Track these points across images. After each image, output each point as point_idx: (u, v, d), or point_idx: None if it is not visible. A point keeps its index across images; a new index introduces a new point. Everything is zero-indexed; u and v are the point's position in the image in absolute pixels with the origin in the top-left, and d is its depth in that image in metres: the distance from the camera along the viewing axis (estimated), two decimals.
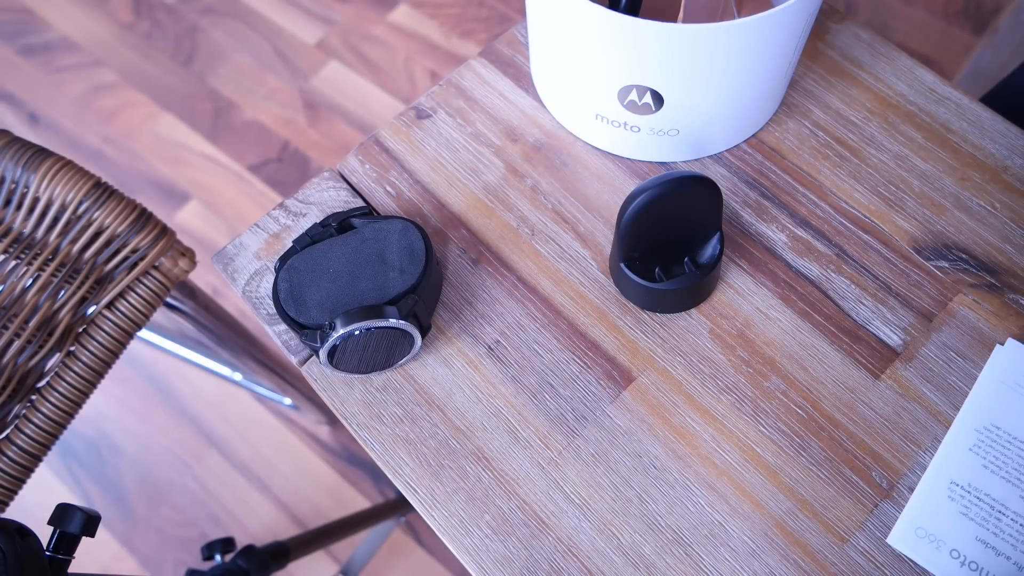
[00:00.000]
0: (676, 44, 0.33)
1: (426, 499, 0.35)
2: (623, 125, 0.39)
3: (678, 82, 0.36)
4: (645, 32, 0.33)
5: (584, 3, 0.32)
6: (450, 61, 1.32)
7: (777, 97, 0.41)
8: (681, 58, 0.34)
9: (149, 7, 1.43)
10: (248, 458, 1.08)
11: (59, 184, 0.53)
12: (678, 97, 0.37)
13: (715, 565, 0.34)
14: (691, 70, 0.35)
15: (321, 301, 0.36)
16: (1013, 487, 0.34)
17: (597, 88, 0.38)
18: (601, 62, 0.36)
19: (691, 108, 0.37)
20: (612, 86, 0.37)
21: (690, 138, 0.40)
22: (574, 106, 0.41)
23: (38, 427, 0.52)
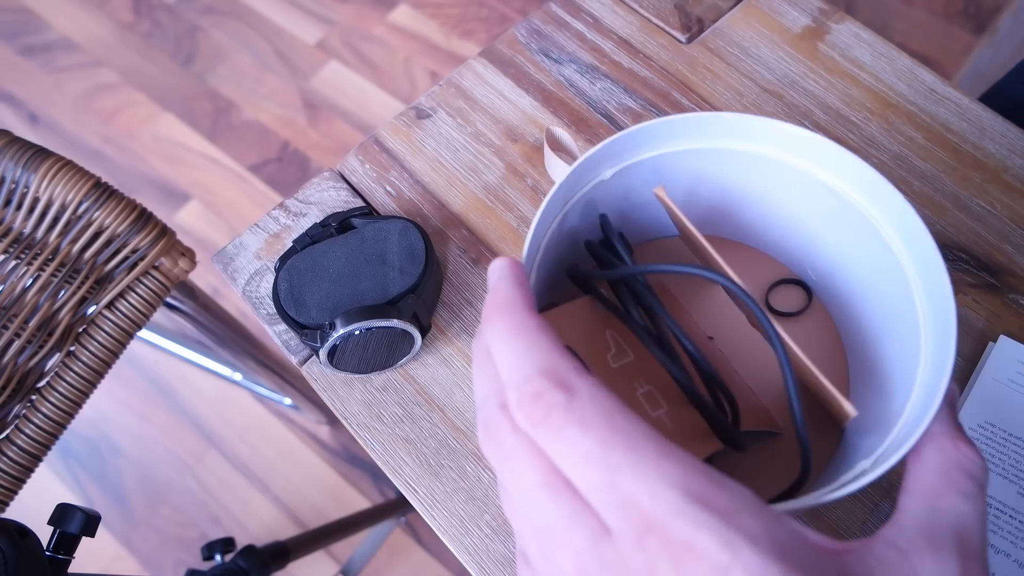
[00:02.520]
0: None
1: (426, 499, 0.35)
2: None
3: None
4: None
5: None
6: (450, 61, 1.32)
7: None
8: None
9: (149, 7, 1.43)
10: (248, 458, 1.08)
11: (59, 184, 0.53)
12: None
13: None
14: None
15: (321, 301, 0.36)
16: (1011, 484, 0.34)
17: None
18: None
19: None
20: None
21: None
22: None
23: (38, 427, 0.52)
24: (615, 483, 0.17)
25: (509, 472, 0.20)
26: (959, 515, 0.20)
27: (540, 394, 0.19)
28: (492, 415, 0.20)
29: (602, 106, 0.44)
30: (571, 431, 0.18)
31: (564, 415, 0.18)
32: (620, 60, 0.45)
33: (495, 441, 0.20)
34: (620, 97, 0.44)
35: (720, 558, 0.16)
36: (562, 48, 0.46)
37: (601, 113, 0.44)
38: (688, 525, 0.17)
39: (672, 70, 0.45)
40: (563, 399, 0.19)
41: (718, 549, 0.16)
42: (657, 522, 0.17)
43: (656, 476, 0.17)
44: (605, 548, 0.18)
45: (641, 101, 0.44)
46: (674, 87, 0.44)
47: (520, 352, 0.20)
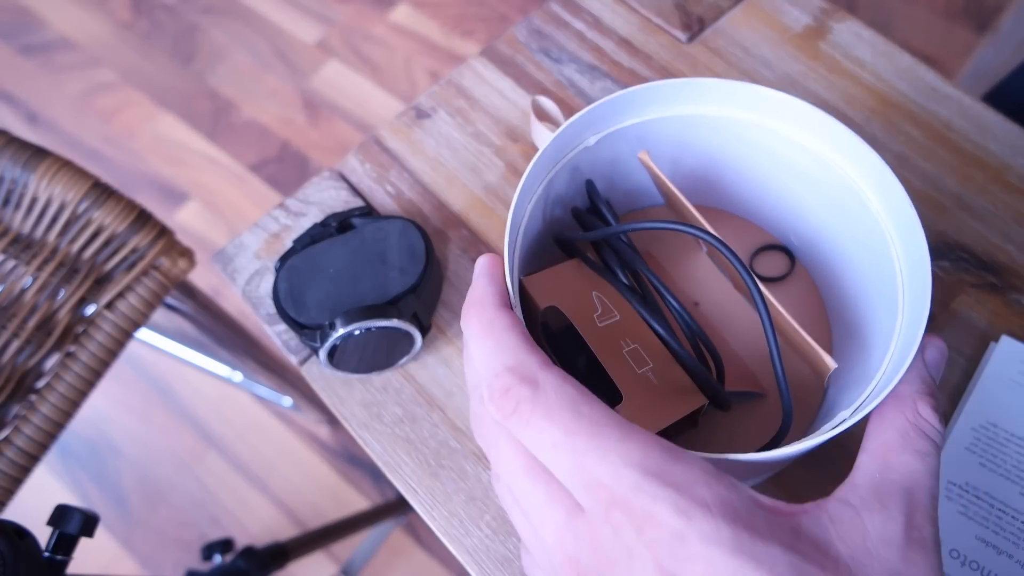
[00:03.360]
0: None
1: (426, 499, 0.35)
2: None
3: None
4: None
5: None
6: (450, 61, 1.32)
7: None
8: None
9: (148, 6, 1.42)
10: (248, 458, 1.08)
11: (58, 184, 0.53)
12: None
13: None
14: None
15: (321, 301, 0.36)
16: (1012, 484, 0.33)
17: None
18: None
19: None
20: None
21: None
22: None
23: (37, 427, 0.52)
24: (581, 466, 0.19)
25: (496, 459, 0.22)
26: (911, 472, 0.21)
27: (507, 389, 0.21)
28: (479, 407, 0.23)
29: None
30: (538, 422, 0.20)
31: (531, 408, 0.20)
32: (620, 60, 0.45)
33: (483, 430, 0.22)
34: None
35: (676, 525, 0.18)
36: (562, 48, 0.46)
37: None
38: (646, 499, 0.18)
39: (672, 70, 0.45)
40: (528, 393, 0.21)
41: (674, 517, 0.18)
42: (620, 498, 0.19)
43: (617, 457, 0.19)
44: (579, 523, 0.20)
45: None
46: None
47: (490, 350, 0.22)
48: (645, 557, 0.18)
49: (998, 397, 0.35)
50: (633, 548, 0.18)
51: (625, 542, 0.19)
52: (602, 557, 0.19)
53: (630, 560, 0.18)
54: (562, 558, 0.20)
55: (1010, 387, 0.35)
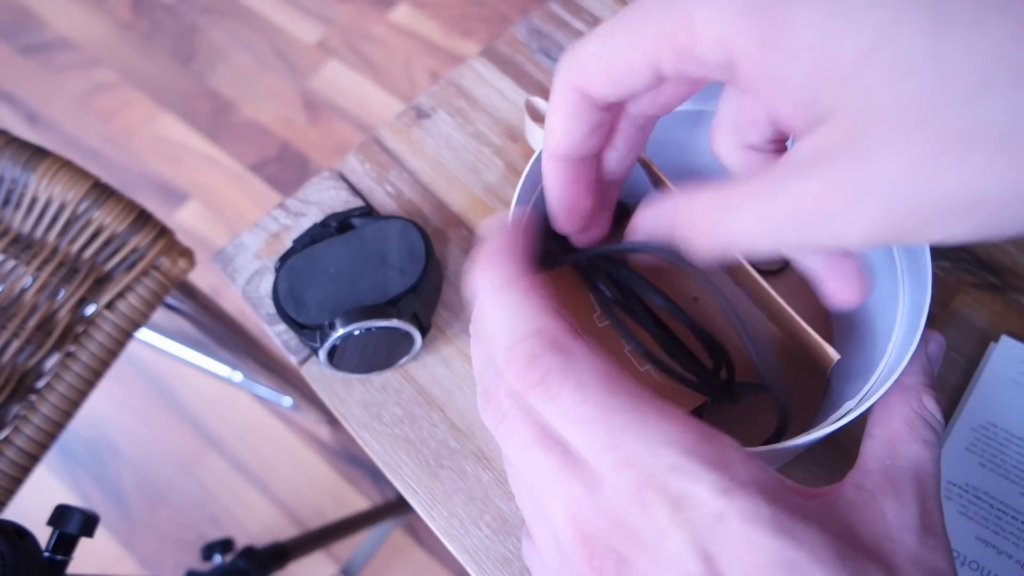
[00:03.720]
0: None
1: (426, 499, 0.35)
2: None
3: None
4: None
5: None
6: (450, 61, 1.32)
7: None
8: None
9: (148, 6, 1.42)
10: (248, 458, 1.08)
11: (58, 184, 0.53)
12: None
13: None
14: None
15: (321, 301, 0.36)
16: (1012, 484, 0.33)
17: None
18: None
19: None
20: None
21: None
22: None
23: (37, 427, 0.52)
24: (616, 443, 0.18)
25: (506, 433, 0.20)
26: (920, 459, 0.22)
27: (534, 356, 0.19)
28: (491, 379, 0.20)
29: None
30: (569, 396, 0.18)
31: (560, 379, 0.18)
32: None
33: (493, 404, 0.20)
34: None
35: (716, 505, 0.17)
36: (562, 48, 0.46)
37: None
38: (685, 479, 0.17)
39: None
40: (559, 362, 0.19)
41: (714, 497, 0.17)
42: (656, 477, 0.18)
43: (656, 435, 0.18)
44: (599, 499, 0.18)
45: None
46: None
47: (509, 312, 0.20)
48: (680, 537, 0.17)
49: (998, 397, 0.35)
50: (666, 528, 0.17)
51: (657, 522, 0.17)
52: (625, 536, 0.18)
53: (661, 540, 0.17)
54: (574, 536, 0.18)
55: (1010, 387, 0.35)
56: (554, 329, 0.19)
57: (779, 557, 0.17)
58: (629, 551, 0.18)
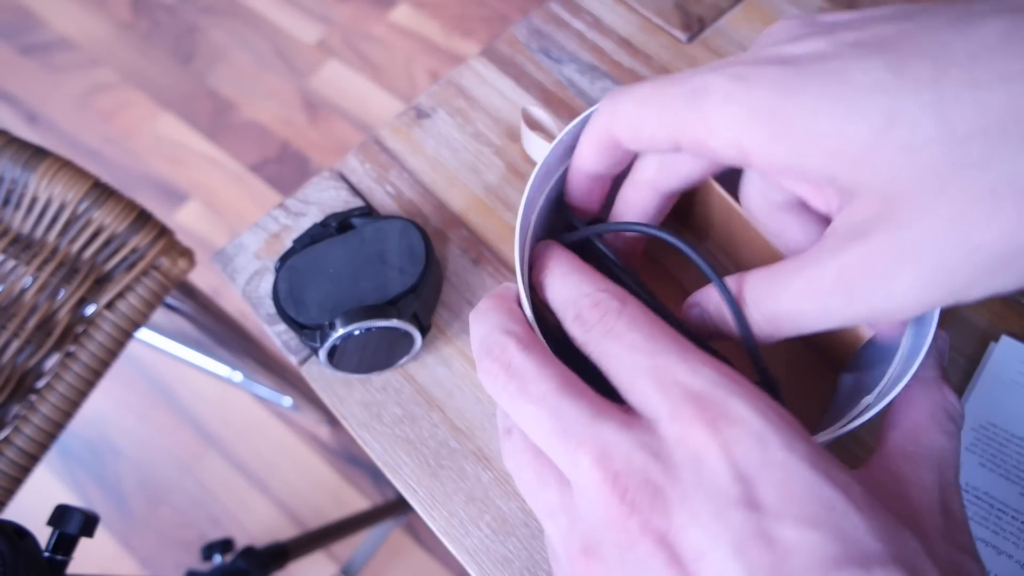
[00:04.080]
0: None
1: (426, 499, 0.35)
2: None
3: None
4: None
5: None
6: (450, 61, 1.32)
7: None
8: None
9: (148, 6, 1.42)
10: (248, 458, 1.08)
11: (58, 184, 0.53)
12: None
13: None
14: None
15: (321, 301, 0.36)
16: (1012, 484, 0.33)
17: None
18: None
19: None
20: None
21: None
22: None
23: (37, 427, 0.52)
24: (657, 365, 0.19)
25: (517, 389, 0.20)
26: (942, 449, 0.22)
27: (599, 303, 0.21)
28: (498, 339, 0.22)
29: None
30: (621, 327, 0.20)
31: (616, 317, 0.20)
32: (620, 60, 0.45)
33: (500, 364, 0.21)
34: None
35: (757, 425, 0.17)
36: (562, 47, 0.46)
37: None
38: (726, 394, 0.18)
39: (673, 70, 0.45)
40: (617, 305, 0.21)
41: (754, 416, 0.17)
42: (694, 392, 0.18)
43: (696, 359, 0.19)
44: (636, 431, 0.18)
45: None
46: None
47: (580, 280, 0.22)
48: (717, 457, 0.17)
49: (998, 397, 0.35)
50: (703, 449, 0.17)
51: (693, 442, 0.17)
52: (660, 467, 0.17)
53: (698, 464, 0.17)
54: (603, 477, 0.18)
55: (1010, 387, 0.35)
56: (616, 290, 0.22)
57: (818, 492, 0.16)
58: (664, 480, 0.17)
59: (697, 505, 0.17)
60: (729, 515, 0.16)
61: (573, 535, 0.19)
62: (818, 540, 0.16)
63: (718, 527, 0.16)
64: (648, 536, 0.17)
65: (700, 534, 0.16)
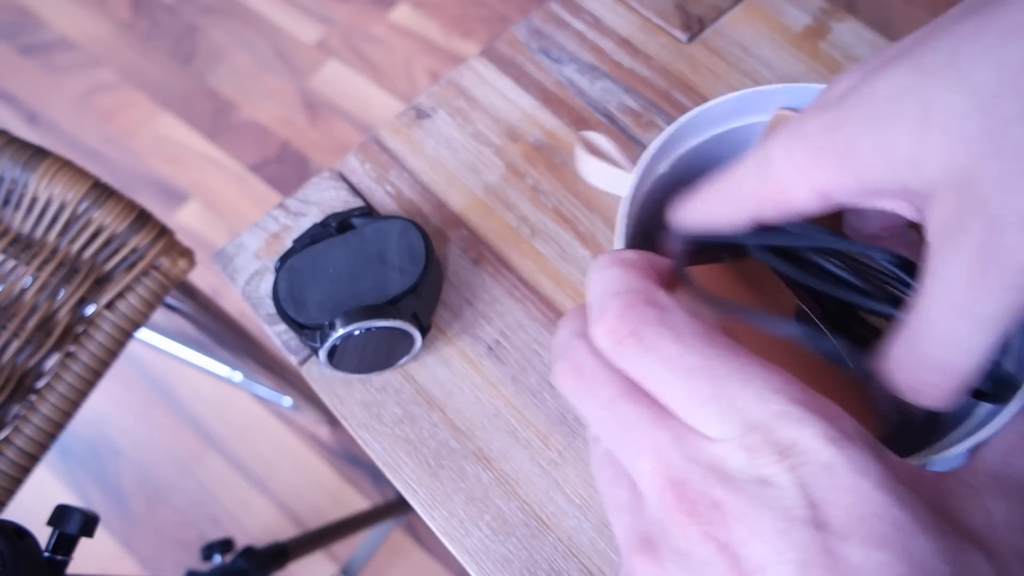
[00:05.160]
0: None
1: (426, 499, 0.35)
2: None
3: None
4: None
5: None
6: (450, 61, 1.32)
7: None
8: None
9: (148, 6, 1.42)
10: (248, 458, 1.08)
11: (58, 184, 0.53)
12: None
13: None
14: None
15: (321, 301, 0.36)
16: None
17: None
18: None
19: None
20: None
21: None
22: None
23: (37, 427, 0.52)
24: (719, 391, 0.18)
25: (587, 392, 0.20)
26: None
27: (628, 306, 0.19)
28: (571, 342, 0.21)
29: (602, 106, 0.44)
30: (667, 346, 0.18)
31: (656, 330, 0.19)
32: (620, 60, 0.45)
33: (573, 365, 0.20)
34: (620, 97, 0.44)
35: (825, 454, 0.17)
36: (562, 48, 0.46)
37: (601, 113, 0.44)
38: (793, 424, 0.17)
39: (673, 70, 0.45)
40: (655, 313, 0.19)
41: (823, 446, 0.17)
42: (762, 423, 0.17)
43: (761, 383, 0.18)
44: (695, 444, 0.18)
45: (641, 101, 0.44)
46: (675, 87, 0.44)
47: (612, 276, 0.20)
48: (785, 484, 0.17)
49: None
50: (770, 474, 0.17)
51: (760, 468, 0.17)
52: (720, 480, 0.17)
53: (763, 487, 0.17)
54: (663, 484, 0.18)
55: None
56: (651, 290, 0.20)
57: (886, 513, 0.16)
58: (725, 496, 0.17)
59: (760, 521, 0.17)
60: (793, 533, 0.16)
61: (633, 532, 0.19)
62: (885, 560, 0.16)
63: (782, 544, 0.16)
64: (709, 543, 0.17)
65: (763, 548, 0.16)
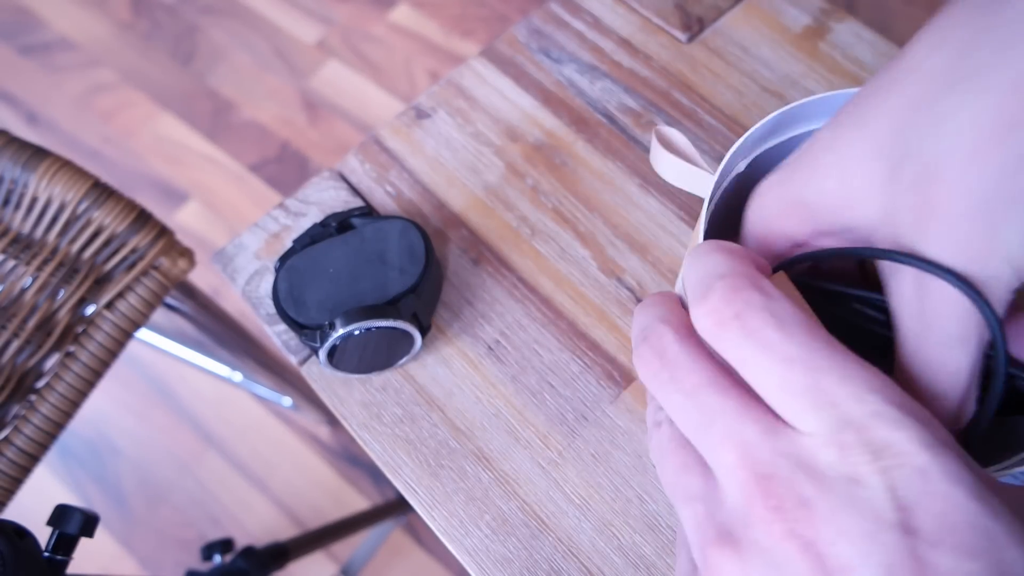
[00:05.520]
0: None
1: (426, 499, 0.35)
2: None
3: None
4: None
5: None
6: (450, 61, 1.32)
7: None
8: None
9: (148, 6, 1.42)
10: (248, 458, 1.08)
11: (58, 184, 0.53)
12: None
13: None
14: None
15: (321, 301, 0.36)
16: None
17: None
18: None
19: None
20: None
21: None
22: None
23: (37, 427, 0.52)
24: (817, 384, 0.17)
25: (669, 379, 0.19)
26: None
27: (735, 288, 0.19)
28: (656, 327, 0.20)
29: (602, 106, 0.44)
30: (770, 332, 0.18)
31: (762, 315, 0.18)
32: (620, 60, 0.45)
33: (656, 351, 0.20)
34: (620, 97, 0.44)
35: (920, 458, 0.16)
36: (562, 48, 0.46)
37: (601, 113, 0.44)
38: (889, 426, 0.17)
39: (672, 70, 0.45)
40: (760, 299, 0.18)
41: (918, 449, 0.16)
42: (857, 421, 0.17)
43: (861, 381, 0.17)
44: (780, 439, 0.17)
45: (641, 101, 0.44)
46: (674, 87, 0.44)
47: (718, 261, 0.20)
48: (876, 485, 0.16)
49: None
50: (862, 474, 0.17)
51: (852, 467, 0.17)
52: (809, 478, 0.17)
53: (853, 487, 0.17)
54: (747, 477, 0.17)
55: None
56: (757, 276, 0.19)
57: (978, 522, 0.16)
58: (813, 493, 0.17)
59: (848, 523, 0.16)
60: (882, 536, 0.16)
61: (710, 523, 0.18)
62: (975, 570, 0.16)
63: (870, 546, 0.16)
64: (794, 541, 0.17)
65: (849, 549, 0.16)
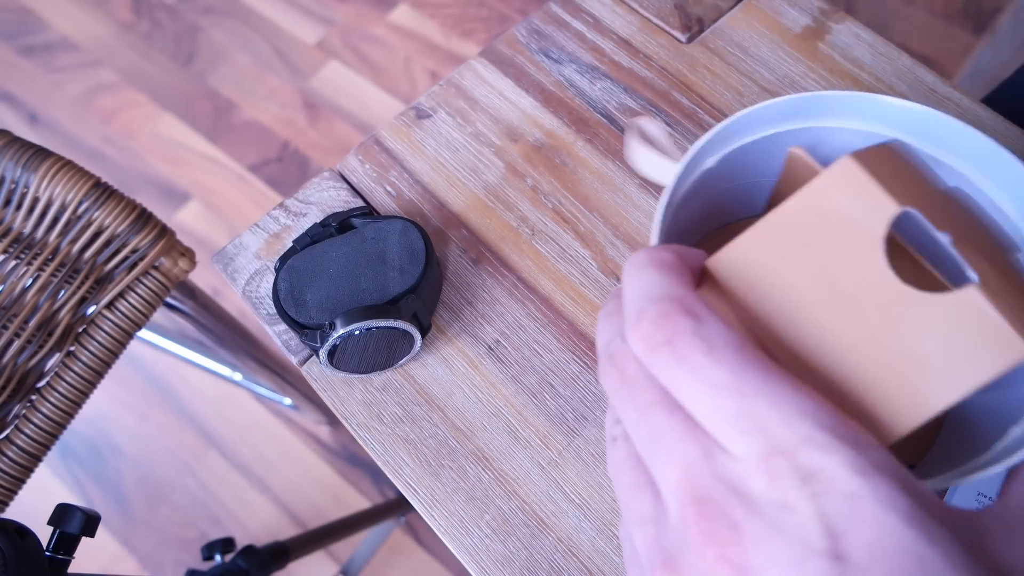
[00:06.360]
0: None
1: (426, 499, 0.35)
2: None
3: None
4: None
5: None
6: (450, 61, 1.32)
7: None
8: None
9: (149, 7, 1.43)
10: (248, 458, 1.08)
11: (59, 184, 0.53)
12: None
13: None
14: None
15: (321, 301, 0.36)
16: None
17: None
18: None
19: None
20: None
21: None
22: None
23: (38, 427, 0.52)
24: (746, 409, 0.17)
25: (627, 394, 0.20)
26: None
27: (664, 315, 0.19)
28: (618, 346, 0.20)
29: (602, 106, 0.44)
30: (699, 358, 0.18)
31: (691, 340, 0.18)
32: (620, 60, 0.45)
33: (617, 368, 0.20)
34: (620, 97, 0.44)
35: (851, 483, 0.16)
36: (562, 48, 0.46)
37: (601, 113, 0.44)
38: (820, 451, 0.17)
39: (672, 70, 0.45)
40: (690, 324, 0.18)
41: (849, 475, 0.16)
42: (787, 447, 0.17)
43: (791, 405, 0.17)
44: (717, 464, 0.17)
45: (641, 101, 0.44)
46: (674, 87, 0.44)
47: (648, 280, 0.20)
48: (806, 512, 0.16)
49: None
50: (791, 500, 0.17)
51: (781, 493, 0.17)
52: (741, 503, 0.17)
53: (783, 513, 0.17)
54: (685, 498, 0.18)
55: None
56: (689, 298, 0.19)
57: (911, 549, 0.16)
58: (744, 518, 0.17)
59: (777, 549, 0.16)
60: (811, 563, 0.16)
61: (657, 548, 0.19)
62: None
63: (798, 573, 0.16)
64: (725, 567, 0.17)
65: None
